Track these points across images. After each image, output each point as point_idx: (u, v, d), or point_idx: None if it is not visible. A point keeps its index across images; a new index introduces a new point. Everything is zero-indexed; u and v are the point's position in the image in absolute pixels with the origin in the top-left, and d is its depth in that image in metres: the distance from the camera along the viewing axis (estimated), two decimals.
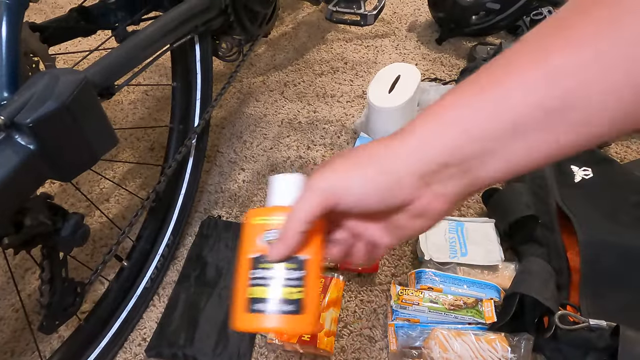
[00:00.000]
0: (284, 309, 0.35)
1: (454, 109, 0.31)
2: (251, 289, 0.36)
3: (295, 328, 0.36)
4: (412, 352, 0.77)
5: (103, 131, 0.59)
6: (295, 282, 0.35)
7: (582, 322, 0.72)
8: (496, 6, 1.39)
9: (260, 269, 0.36)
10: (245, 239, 0.38)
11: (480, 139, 0.30)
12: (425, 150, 0.32)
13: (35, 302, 0.91)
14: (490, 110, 0.30)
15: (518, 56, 0.30)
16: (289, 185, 0.38)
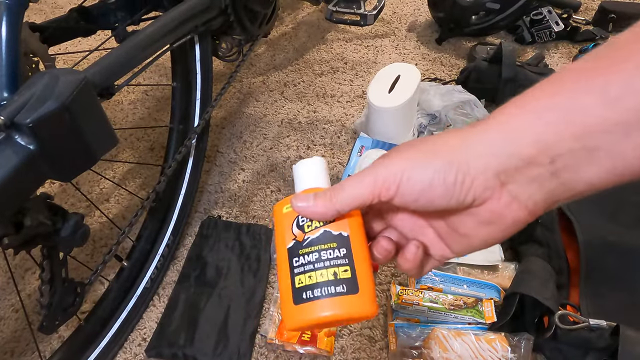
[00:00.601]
0: (337, 290, 0.31)
1: (552, 96, 0.26)
2: (296, 277, 0.32)
3: (354, 310, 0.31)
4: (412, 352, 0.77)
5: (103, 131, 0.59)
6: (341, 261, 0.32)
7: (582, 322, 0.72)
8: (496, 6, 1.39)
9: (301, 255, 0.33)
10: (278, 230, 0.35)
11: (585, 133, 0.24)
12: (508, 142, 0.27)
13: (35, 302, 0.91)
14: (605, 96, 0.24)
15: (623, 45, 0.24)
16: (314, 169, 0.36)
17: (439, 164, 0.28)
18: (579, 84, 0.25)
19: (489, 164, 0.27)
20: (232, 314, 0.87)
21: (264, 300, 0.90)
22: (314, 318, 0.31)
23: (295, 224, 0.34)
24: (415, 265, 0.33)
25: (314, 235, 0.33)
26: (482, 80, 1.25)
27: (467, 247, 0.32)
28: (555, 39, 1.47)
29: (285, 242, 0.34)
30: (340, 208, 0.31)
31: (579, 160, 0.25)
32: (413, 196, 0.29)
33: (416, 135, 1.19)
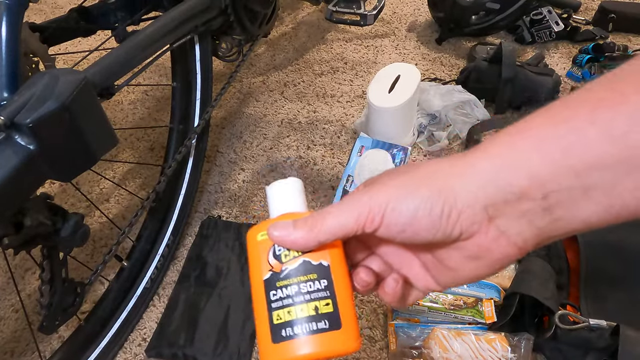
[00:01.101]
0: (319, 326, 0.29)
1: (553, 125, 0.24)
2: (274, 313, 0.30)
3: (337, 347, 0.29)
4: (412, 352, 0.77)
5: (103, 131, 0.59)
6: (322, 293, 0.30)
7: (582, 322, 0.72)
8: (496, 6, 1.39)
9: (279, 288, 0.30)
10: (252, 259, 0.32)
11: (584, 169, 0.23)
12: (499, 173, 0.25)
13: (35, 302, 0.91)
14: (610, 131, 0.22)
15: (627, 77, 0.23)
16: (291, 192, 0.33)
17: (426, 194, 0.27)
18: (582, 116, 0.23)
19: (478, 197, 0.26)
20: (232, 314, 0.87)
21: None
22: (295, 358, 0.29)
23: (271, 253, 0.31)
24: (395, 299, 0.32)
25: (292, 265, 0.30)
26: (482, 80, 1.25)
27: (453, 280, 0.31)
28: (555, 39, 1.47)
29: (261, 273, 0.31)
30: (322, 239, 0.29)
31: (574, 197, 0.24)
32: (398, 227, 0.27)
33: (416, 136, 1.19)
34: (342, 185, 1.07)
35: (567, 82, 1.35)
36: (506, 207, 0.26)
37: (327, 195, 1.08)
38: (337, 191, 1.06)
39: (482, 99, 1.24)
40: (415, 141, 1.19)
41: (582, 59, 1.38)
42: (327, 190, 1.10)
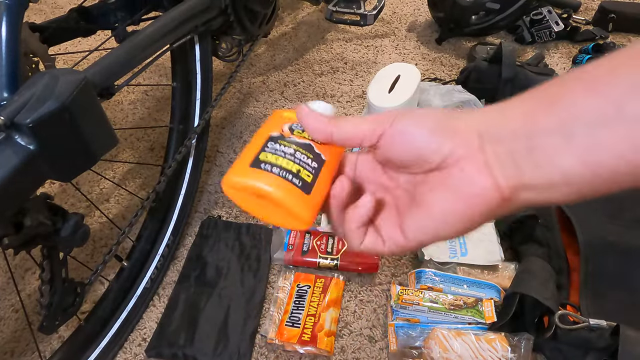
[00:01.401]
0: (292, 180, 0.31)
1: (545, 88, 0.28)
2: (262, 153, 0.32)
3: (294, 205, 0.31)
4: (412, 352, 0.77)
5: (103, 131, 0.59)
6: (309, 168, 0.32)
7: (582, 322, 0.72)
8: (496, 6, 1.39)
9: (278, 143, 0.33)
10: (268, 124, 0.35)
11: (568, 116, 0.25)
12: (500, 114, 0.28)
13: (35, 302, 0.91)
14: (592, 85, 0.25)
15: None
16: (323, 109, 0.36)
17: (438, 111, 0.30)
18: (570, 76, 0.27)
19: (477, 123, 0.29)
20: (232, 314, 0.87)
21: (264, 300, 0.90)
22: (260, 185, 0.31)
23: (287, 126, 0.34)
24: (359, 218, 0.32)
25: (299, 140, 0.33)
26: (482, 80, 1.25)
27: (424, 224, 0.31)
28: (555, 39, 1.47)
29: (270, 130, 0.34)
30: (335, 132, 0.32)
31: (555, 144, 0.26)
32: (403, 128, 0.30)
33: None
34: None
35: None
36: (497, 141, 0.28)
37: None
38: None
39: (482, 99, 1.24)
40: None
41: (582, 59, 1.38)
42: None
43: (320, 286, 0.89)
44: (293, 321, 0.84)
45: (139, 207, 0.80)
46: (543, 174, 0.26)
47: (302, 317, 0.84)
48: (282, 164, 0.32)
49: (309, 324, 0.83)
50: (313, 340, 0.81)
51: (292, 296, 0.88)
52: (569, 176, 0.26)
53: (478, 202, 0.28)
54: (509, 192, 0.28)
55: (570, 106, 0.25)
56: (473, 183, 0.28)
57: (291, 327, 0.83)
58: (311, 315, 0.84)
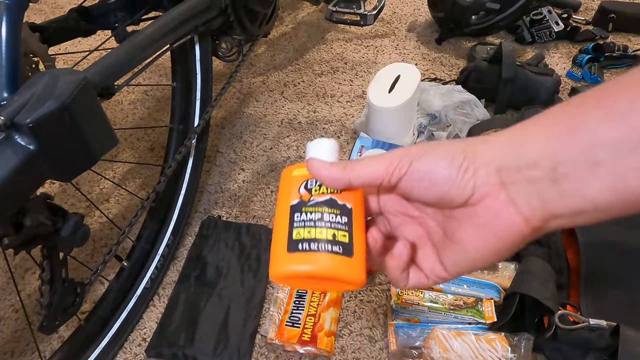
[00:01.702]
0: (333, 249, 0.31)
1: (564, 109, 0.27)
2: (294, 230, 0.32)
3: (345, 272, 0.31)
4: (412, 352, 0.77)
5: (103, 131, 0.59)
6: (342, 227, 0.32)
7: (582, 322, 0.72)
8: (496, 6, 1.39)
9: (304, 212, 0.33)
10: (283, 190, 0.35)
11: (590, 144, 0.25)
12: (516, 143, 0.28)
13: (35, 302, 0.91)
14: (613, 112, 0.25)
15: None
16: (328, 148, 0.36)
17: (451, 149, 0.29)
18: (588, 102, 0.26)
19: (494, 159, 0.28)
20: (232, 314, 0.87)
21: (264, 300, 0.90)
22: (306, 268, 0.31)
23: (303, 186, 0.34)
24: (400, 265, 0.33)
25: (320, 199, 0.33)
26: (482, 80, 1.25)
27: (461, 258, 0.31)
28: (555, 39, 1.47)
29: (289, 199, 0.34)
30: (352, 179, 0.32)
31: (581, 172, 0.25)
32: (420, 174, 0.30)
33: (416, 136, 1.19)
34: None
35: (567, 82, 1.35)
36: (517, 174, 0.27)
37: None
38: None
39: (482, 99, 1.24)
40: (415, 141, 1.19)
41: (582, 59, 1.38)
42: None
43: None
44: (293, 321, 0.84)
45: (139, 207, 0.80)
46: (571, 203, 0.26)
47: (302, 317, 0.84)
48: (316, 235, 0.31)
49: (309, 324, 0.83)
50: (313, 340, 0.81)
51: (292, 296, 0.88)
52: (598, 203, 0.26)
53: (509, 236, 0.28)
54: (538, 223, 0.28)
55: (591, 133, 0.25)
56: (501, 219, 0.28)
57: (291, 327, 0.83)
58: (311, 315, 0.84)
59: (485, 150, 0.29)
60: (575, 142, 0.25)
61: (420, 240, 0.34)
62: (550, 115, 0.27)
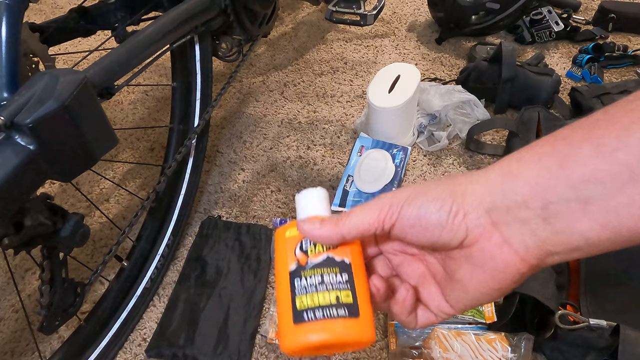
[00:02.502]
0: (339, 313, 0.31)
1: (552, 143, 0.27)
2: (297, 298, 0.32)
3: (354, 334, 0.31)
4: (412, 352, 0.77)
5: (103, 131, 0.59)
6: (343, 286, 0.32)
7: (582, 322, 0.72)
8: (496, 6, 1.39)
9: (303, 277, 0.33)
10: (279, 253, 0.35)
11: (580, 181, 0.25)
12: (504, 182, 0.27)
13: (35, 302, 0.91)
14: (602, 149, 0.24)
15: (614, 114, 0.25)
16: (317, 198, 0.36)
17: (439, 193, 0.29)
18: (576, 135, 0.26)
19: (483, 201, 0.28)
20: (232, 314, 0.87)
21: (264, 300, 0.90)
22: (315, 338, 0.31)
23: (298, 247, 0.34)
24: (405, 309, 0.33)
25: (317, 259, 0.33)
26: (482, 80, 1.25)
27: (463, 297, 0.31)
28: (555, 38, 1.47)
29: (287, 265, 0.34)
30: (346, 233, 0.32)
31: (572, 210, 0.25)
32: (410, 221, 0.29)
33: (416, 136, 1.19)
34: (342, 185, 1.07)
35: (567, 82, 1.35)
36: (508, 214, 0.27)
37: None
38: (337, 191, 1.06)
39: (482, 99, 1.24)
40: (415, 141, 1.19)
41: (582, 59, 1.38)
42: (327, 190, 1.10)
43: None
44: None
45: (139, 207, 0.80)
46: (564, 240, 0.26)
47: None
48: (320, 302, 0.31)
49: None
50: None
51: None
52: (591, 239, 0.26)
53: (506, 276, 0.28)
54: (535, 261, 0.28)
55: (580, 170, 0.25)
56: (496, 261, 0.28)
57: None
58: None
59: (474, 191, 0.28)
60: (564, 179, 0.25)
61: (423, 278, 0.34)
62: (539, 149, 0.27)
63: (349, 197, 1.04)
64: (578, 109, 1.20)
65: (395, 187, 1.05)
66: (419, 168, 1.14)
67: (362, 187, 1.05)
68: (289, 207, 1.07)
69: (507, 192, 0.27)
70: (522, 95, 1.22)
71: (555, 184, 0.25)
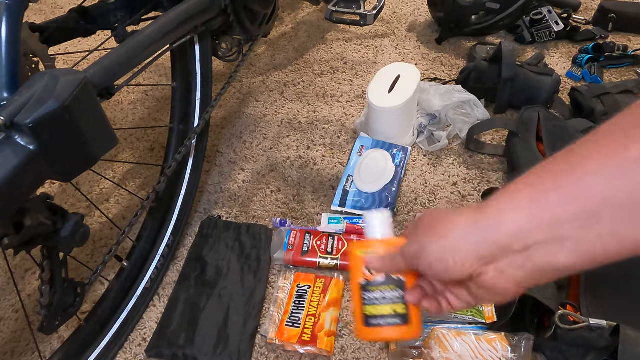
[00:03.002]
0: (394, 321, 0.44)
1: (526, 191, 0.32)
2: (365, 307, 0.45)
3: (405, 335, 0.45)
4: (412, 352, 0.77)
5: (103, 131, 0.59)
6: (398, 300, 0.44)
7: (582, 322, 0.72)
8: (496, 6, 1.39)
9: (370, 292, 0.45)
10: (354, 268, 0.47)
11: (553, 222, 0.30)
12: (487, 231, 0.33)
13: (35, 303, 0.91)
14: (566, 195, 0.29)
15: (596, 145, 0.29)
16: (380, 222, 0.47)
17: (442, 248, 0.36)
18: (545, 185, 0.31)
19: (475, 251, 0.34)
20: (232, 314, 0.87)
21: (264, 300, 0.90)
22: (377, 338, 0.51)
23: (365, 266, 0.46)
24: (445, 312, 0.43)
25: (380, 278, 0.45)
26: (482, 80, 1.25)
27: (477, 303, 0.40)
28: (555, 38, 1.47)
29: (357, 277, 0.46)
30: (397, 270, 0.44)
31: (550, 248, 0.31)
32: (431, 271, 0.38)
33: (416, 136, 1.19)
34: (342, 185, 1.07)
35: (567, 82, 1.35)
36: (496, 258, 0.34)
37: (327, 195, 1.08)
38: (337, 191, 1.06)
39: (482, 99, 1.24)
40: (415, 141, 1.19)
41: (582, 58, 1.38)
42: (327, 190, 1.10)
43: (321, 286, 0.89)
44: (293, 321, 0.84)
45: (139, 207, 0.80)
46: (549, 271, 0.32)
47: (302, 317, 0.84)
48: (382, 312, 0.45)
49: (309, 324, 0.83)
50: (313, 340, 0.81)
51: (292, 296, 0.88)
52: (572, 269, 0.31)
53: (507, 297, 0.36)
54: (528, 284, 0.34)
55: (551, 214, 0.30)
56: (495, 288, 0.35)
57: (291, 327, 0.83)
58: (311, 315, 0.84)
59: (466, 243, 0.35)
60: (540, 220, 0.30)
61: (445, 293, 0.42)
62: (514, 196, 0.33)
63: (349, 197, 1.04)
64: (578, 109, 1.20)
65: (395, 187, 1.05)
66: (419, 168, 1.14)
67: (362, 187, 1.05)
68: (289, 207, 1.07)
69: (490, 241, 0.33)
70: (522, 95, 1.22)
71: (532, 229, 0.31)
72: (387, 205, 1.01)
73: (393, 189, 1.04)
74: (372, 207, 1.01)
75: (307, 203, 1.07)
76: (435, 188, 1.09)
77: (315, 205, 1.06)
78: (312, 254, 0.94)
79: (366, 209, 1.01)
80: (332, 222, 1.01)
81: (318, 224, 1.02)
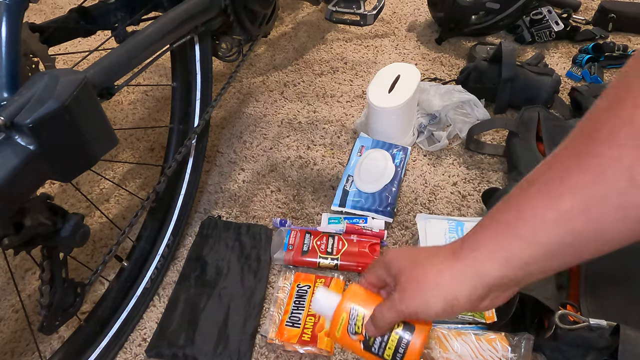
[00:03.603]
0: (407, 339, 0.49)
1: (495, 242, 0.39)
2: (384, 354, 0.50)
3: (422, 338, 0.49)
4: None
5: (103, 131, 0.59)
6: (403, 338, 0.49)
7: (582, 322, 0.72)
8: (496, 6, 1.39)
9: (372, 345, 0.50)
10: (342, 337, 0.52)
11: (522, 264, 0.38)
12: (476, 278, 0.40)
13: (35, 303, 0.91)
14: (524, 242, 0.37)
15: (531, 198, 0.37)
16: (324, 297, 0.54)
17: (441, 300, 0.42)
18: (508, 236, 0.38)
19: (467, 296, 0.41)
20: (232, 314, 0.87)
21: (264, 300, 0.90)
22: None
23: (349, 332, 0.51)
24: None
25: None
26: (482, 80, 1.25)
27: None
28: (555, 38, 1.47)
29: (353, 343, 0.51)
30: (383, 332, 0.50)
31: (523, 280, 0.39)
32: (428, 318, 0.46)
33: (416, 136, 1.19)
34: (342, 185, 1.07)
35: (567, 82, 1.35)
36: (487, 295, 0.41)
37: (327, 195, 1.08)
38: (337, 191, 1.06)
39: (482, 99, 1.24)
40: (415, 141, 1.19)
41: (582, 58, 1.38)
42: (327, 190, 1.10)
43: (321, 286, 0.89)
44: (293, 321, 0.84)
45: (139, 207, 0.80)
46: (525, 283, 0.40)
47: (302, 317, 0.84)
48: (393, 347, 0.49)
49: (309, 324, 0.83)
50: (313, 340, 0.81)
51: (292, 296, 0.88)
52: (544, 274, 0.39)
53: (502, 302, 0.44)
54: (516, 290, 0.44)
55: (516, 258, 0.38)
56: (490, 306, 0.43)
57: (291, 327, 0.83)
58: (311, 315, 0.84)
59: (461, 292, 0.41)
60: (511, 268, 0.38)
61: None
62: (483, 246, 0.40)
63: (349, 197, 1.04)
64: (578, 109, 1.20)
65: (395, 187, 1.05)
66: (419, 168, 1.14)
67: (362, 187, 1.05)
68: (289, 207, 1.07)
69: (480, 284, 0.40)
70: (522, 95, 1.22)
71: (508, 272, 0.39)
72: (387, 205, 1.01)
73: (393, 189, 1.04)
74: (372, 207, 1.01)
75: (307, 203, 1.07)
76: (435, 188, 1.09)
77: (315, 205, 1.06)
78: (312, 254, 0.94)
79: (366, 209, 1.02)
80: (332, 222, 1.01)
81: (318, 224, 1.02)
